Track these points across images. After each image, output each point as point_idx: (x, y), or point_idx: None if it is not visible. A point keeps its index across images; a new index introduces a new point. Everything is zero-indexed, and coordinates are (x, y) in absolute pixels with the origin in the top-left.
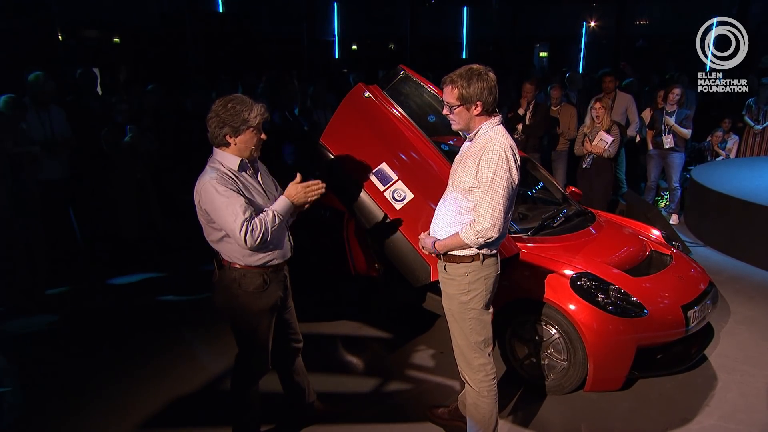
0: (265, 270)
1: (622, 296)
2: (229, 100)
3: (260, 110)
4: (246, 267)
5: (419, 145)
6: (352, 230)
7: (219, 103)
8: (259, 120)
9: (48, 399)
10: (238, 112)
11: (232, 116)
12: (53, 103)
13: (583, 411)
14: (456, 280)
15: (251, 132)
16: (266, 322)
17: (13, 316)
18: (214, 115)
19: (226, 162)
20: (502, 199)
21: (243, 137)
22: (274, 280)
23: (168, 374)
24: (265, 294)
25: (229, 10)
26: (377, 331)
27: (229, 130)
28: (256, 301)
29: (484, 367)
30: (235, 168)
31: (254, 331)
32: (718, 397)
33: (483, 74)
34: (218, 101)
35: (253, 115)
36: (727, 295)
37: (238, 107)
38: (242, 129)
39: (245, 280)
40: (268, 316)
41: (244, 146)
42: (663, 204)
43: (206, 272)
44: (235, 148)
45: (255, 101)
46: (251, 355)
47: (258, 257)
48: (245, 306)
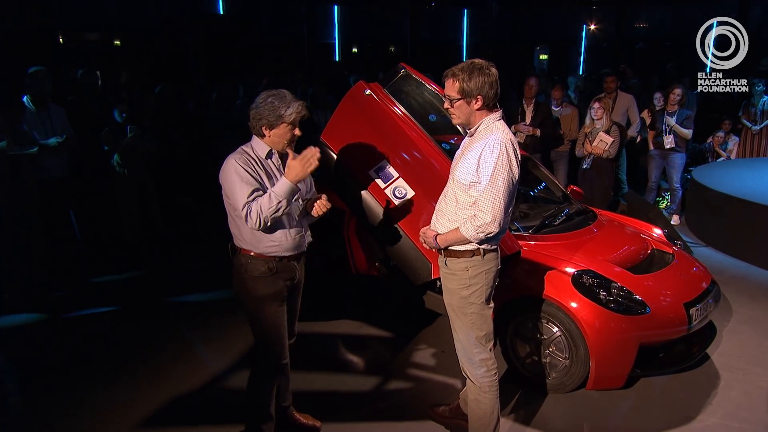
0: (270, 259)
1: (624, 294)
2: (271, 94)
3: (297, 108)
4: (251, 253)
5: (420, 142)
6: (353, 228)
7: (262, 95)
8: (295, 117)
9: (48, 398)
10: (275, 108)
11: (269, 111)
12: (52, 102)
13: (584, 409)
14: (457, 275)
15: (286, 127)
16: (272, 310)
17: (12, 315)
18: (255, 106)
19: (257, 148)
20: (502, 194)
21: (277, 131)
22: (280, 270)
23: (168, 373)
24: (269, 279)
25: (230, 13)
26: (378, 330)
27: (265, 122)
28: (261, 286)
29: (485, 363)
30: (263, 155)
31: (263, 318)
32: (721, 395)
33: (485, 69)
34: (263, 94)
35: (289, 113)
36: (729, 295)
37: (276, 103)
38: (277, 123)
39: (251, 265)
40: (272, 304)
41: (278, 139)
42: (664, 205)
43: (206, 272)
44: (269, 140)
45: (295, 99)
46: (264, 345)
47: (262, 245)
48: (251, 291)
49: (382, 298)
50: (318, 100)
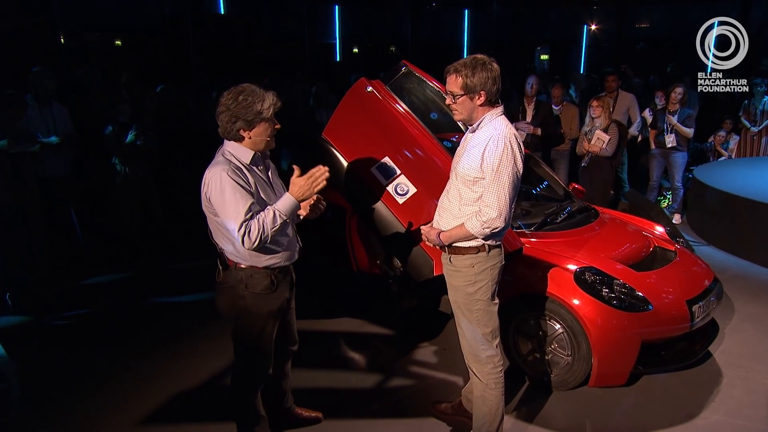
0: (272, 271)
1: (626, 291)
2: (239, 92)
3: (273, 100)
4: (252, 267)
5: (422, 139)
6: (355, 226)
7: (228, 96)
8: (273, 110)
9: (48, 396)
10: (251, 105)
11: (244, 109)
12: (55, 101)
13: (587, 406)
14: (462, 271)
15: (266, 123)
16: (272, 325)
17: (13, 313)
18: (225, 109)
19: (239, 154)
20: (507, 188)
21: (257, 130)
22: (281, 281)
23: (169, 371)
24: (272, 295)
25: (231, 13)
26: (380, 328)
27: (242, 124)
28: (264, 302)
29: (492, 359)
30: (247, 161)
31: (259, 334)
32: (723, 393)
33: (487, 64)
34: (227, 94)
35: (267, 106)
36: (732, 293)
37: (249, 99)
38: (256, 122)
39: (252, 281)
40: (274, 319)
41: (259, 139)
42: (665, 204)
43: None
44: (249, 142)
45: (264, 89)
46: (254, 361)
47: (265, 258)
48: (251, 308)
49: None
50: (320, 98)
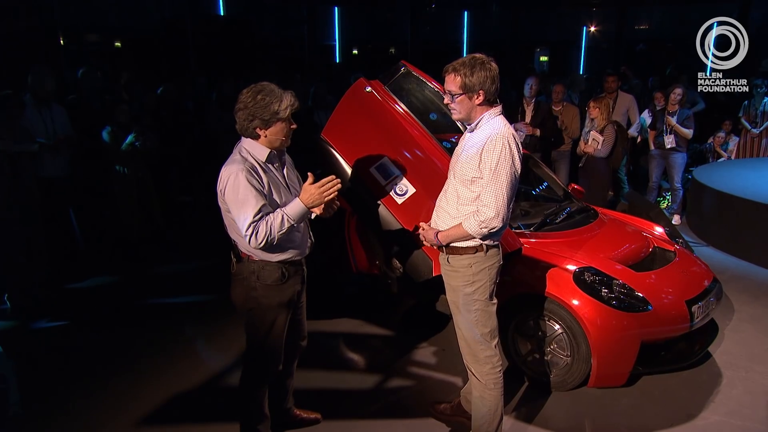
0: (283, 264)
1: (626, 291)
2: (258, 91)
3: (290, 100)
4: (263, 260)
5: (421, 140)
6: (354, 226)
7: (247, 94)
8: (290, 111)
9: (48, 395)
10: (268, 104)
11: (261, 109)
12: (54, 101)
13: (586, 407)
14: (460, 272)
15: (282, 123)
16: (283, 317)
17: (13, 313)
18: (243, 107)
19: (255, 152)
20: (505, 188)
21: (274, 129)
22: (292, 273)
23: (168, 370)
24: (283, 287)
25: (231, 14)
26: (379, 328)
27: (259, 122)
28: (275, 294)
29: (490, 359)
30: (263, 159)
31: (270, 326)
32: (723, 393)
33: (486, 63)
34: (245, 92)
35: (284, 107)
36: (731, 294)
37: (267, 99)
38: (273, 121)
39: (264, 272)
40: (285, 311)
41: (275, 138)
42: (665, 204)
43: (207, 271)
44: (265, 140)
45: (283, 90)
46: (264, 353)
47: (275, 254)
48: (263, 299)
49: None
50: (319, 100)
